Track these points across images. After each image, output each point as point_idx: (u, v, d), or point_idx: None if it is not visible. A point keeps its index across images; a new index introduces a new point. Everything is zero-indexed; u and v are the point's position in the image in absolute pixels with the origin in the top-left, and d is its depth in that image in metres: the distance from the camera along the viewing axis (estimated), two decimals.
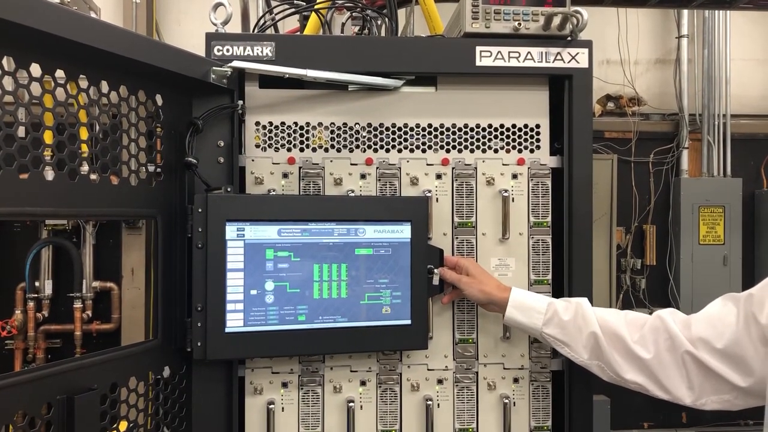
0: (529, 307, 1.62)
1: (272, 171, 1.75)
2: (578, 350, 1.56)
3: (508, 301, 1.63)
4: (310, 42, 1.79)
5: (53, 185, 1.29)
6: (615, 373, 1.51)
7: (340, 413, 1.76)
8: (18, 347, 4.68)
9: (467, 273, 1.69)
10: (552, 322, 1.59)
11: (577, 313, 1.56)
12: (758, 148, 5.48)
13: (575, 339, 1.56)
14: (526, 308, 1.62)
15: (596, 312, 1.56)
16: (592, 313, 1.55)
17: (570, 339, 1.56)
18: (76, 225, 4.73)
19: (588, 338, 1.53)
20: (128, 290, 4.79)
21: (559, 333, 1.58)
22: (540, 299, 1.63)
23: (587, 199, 1.79)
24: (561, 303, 1.60)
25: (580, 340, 1.55)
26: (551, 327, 1.59)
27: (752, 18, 5.49)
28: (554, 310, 1.59)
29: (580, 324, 1.55)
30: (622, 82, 5.41)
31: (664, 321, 1.46)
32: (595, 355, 1.54)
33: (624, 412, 5.16)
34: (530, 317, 1.61)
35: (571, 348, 1.57)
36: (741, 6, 3.32)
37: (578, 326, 1.55)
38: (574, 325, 1.56)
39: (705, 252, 5.22)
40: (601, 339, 1.51)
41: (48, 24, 1.18)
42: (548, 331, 1.59)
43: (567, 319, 1.56)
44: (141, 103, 1.53)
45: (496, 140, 1.82)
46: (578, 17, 1.73)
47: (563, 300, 1.63)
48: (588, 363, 1.56)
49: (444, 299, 1.76)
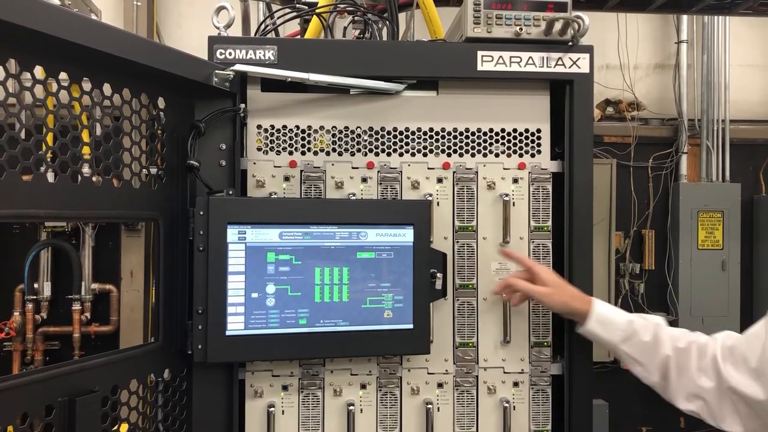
0: (610, 323, 1.62)
1: (274, 174, 1.76)
2: (651, 371, 1.57)
3: (590, 314, 1.63)
4: (312, 46, 1.80)
5: (55, 187, 1.29)
6: (674, 400, 1.56)
7: (340, 417, 1.76)
8: (16, 349, 4.68)
9: (543, 283, 1.68)
10: (631, 341, 1.59)
11: (656, 335, 1.57)
12: (757, 153, 5.49)
13: (650, 360, 1.57)
14: (607, 323, 1.62)
15: (671, 334, 1.57)
16: (668, 336, 1.56)
17: (645, 359, 1.58)
18: (75, 227, 4.72)
19: (661, 361, 1.55)
20: (127, 292, 4.79)
21: (636, 352, 1.59)
22: (621, 315, 1.63)
23: (588, 203, 1.80)
24: (641, 322, 1.60)
25: (654, 362, 1.56)
26: (629, 345, 1.59)
27: (751, 24, 5.51)
28: (634, 330, 1.59)
29: (656, 346, 1.56)
30: (621, 87, 5.42)
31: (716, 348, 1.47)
32: (664, 377, 1.56)
33: (622, 416, 5.16)
34: (610, 332, 1.61)
35: (644, 368, 1.59)
36: (740, 12, 3.34)
37: (655, 348, 1.56)
38: (652, 347, 1.57)
39: (704, 257, 5.22)
40: (671, 363, 1.53)
41: (52, 27, 1.18)
42: (625, 348, 1.60)
43: (646, 340, 1.57)
44: (143, 106, 1.53)
45: (497, 144, 1.83)
46: (579, 23, 1.74)
47: (643, 318, 1.62)
48: (656, 384, 1.58)
49: (514, 302, 1.75)
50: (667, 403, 1.58)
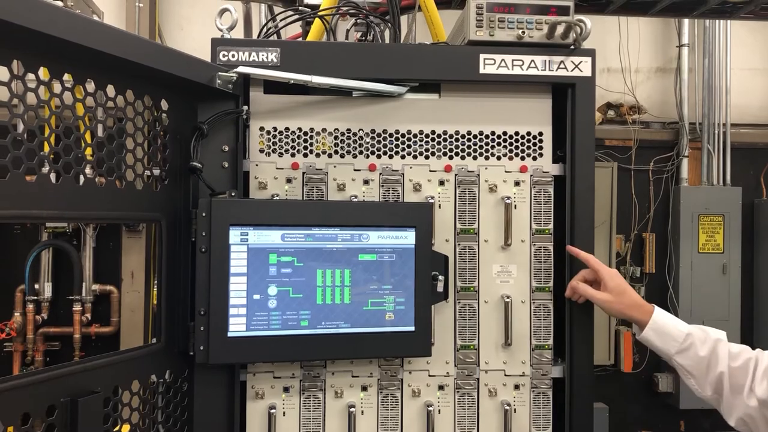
0: (667, 334, 1.62)
1: (276, 176, 1.76)
2: (703, 385, 1.57)
3: (648, 324, 1.63)
4: (315, 48, 1.80)
5: (58, 188, 1.30)
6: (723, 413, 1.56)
7: (341, 418, 1.76)
8: (17, 349, 4.68)
9: (605, 288, 1.68)
10: (686, 353, 1.59)
11: (713, 351, 1.56)
12: (758, 157, 5.49)
13: (703, 374, 1.57)
14: (664, 334, 1.62)
15: (730, 351, 1.55)
16: (725, 352, 1.55)
17: (698, 373, 1.57)
18: (77, 228, 4.72)
19: (715, 377, 1.54)
20: (128, 293, 4.79)
21: (690, 365, 1.59)
22: (679, 327, 1.62)
23: (589, 206, 1.80)
24: (699, 335, 1.59)
25: (708, 377, 1.56)
26: (684, 357, 1.59)
27: (752, 28, 5.51)
28: (692, 343, 1.58)
29: (711, 361, 1.55)
30: (622, 91, 5.42)
31: None
32: (716, 392, 1.55)
33: (622, 420, 5.16)
34: (665, 343, 1.62)
35: (697, 381, 1.59)
36: (741, 16, 3.34)
37: (709, 363, 1.55)
38: (707, 362, 1.56)
39: (704, 260, 5.22)
40: (725, 381, 1.52)
41: (56, 28, 1.19)
42: (680, 360, 1.60)
43: (702, 354, 1.56)
44: (147, 108, 1.54)
45: (499, 147, 1.83)
46: (581, 26, 1.74)
47: (702, 331, 1.61)
48: (709, 398, 1.58)
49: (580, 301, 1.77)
50: (667, 406, 1.58)
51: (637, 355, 5.13)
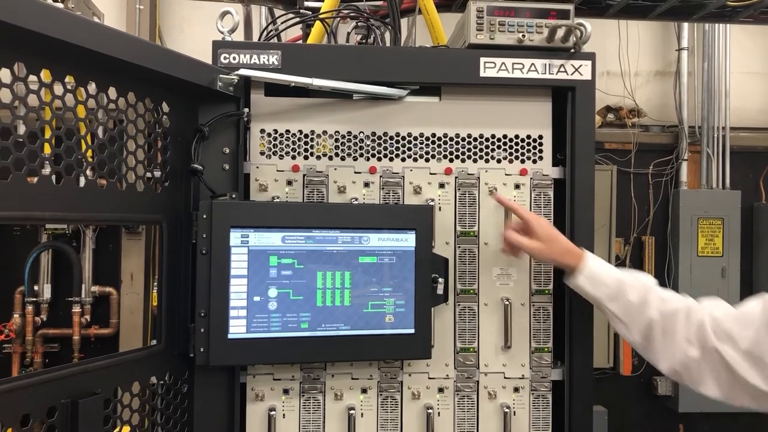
0: (598, 279, 1.62)
1: (276, 178, 1.77)
2: (632, 331, 1.58)
3: (580, 270, 1.63)
4: (316, 51, 1.81)
5: (60, 190, 1.30)
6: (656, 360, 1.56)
7: (340, 421, 1.76)
8: (16, 351, 4.66)
9: (536, 236, 1.67)
10: (617, 300, 1.59)
11: (643, 295, 1.56)
12: (757, 160, 5.49)
13: (634, 321, 1.57)
14: (596, 280, 1.62)
15: (660, 296, 1.56)
16: (656, 298, 1.55)
17: (629, 319, 1.58)
18: (76, 229, 4.72)
19: (646, 324, 1.54)
20: (127, 295, 4.78)
21: (621, 311, 1.59)
22: (610, 273, 1.63)
23: (589, 209, 1.81)
24: (630, 281, 1.60)
25: (639, 324, 1.56)
26: (614, 304, 1.60)
27: (752, 32, 5.52)
28: (622, 289, 1.59)
29: (642, 306, 1.56)
30: (622, 94, 5.42)
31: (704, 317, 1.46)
32: (646, 338, 1.56)
33: (622, 423, 5.16)
34: (597, 289, 1.62)
35: (627, 327, 1.59)
36: (741, 20, 3.34)
37: (640, 310, 1.56)
38: (637, 308, 1.56)
39: (703, 264, 5.22)
40: (656, 327, 1.53)
41: (59, 30, 1.19)
42: (611, 306, 1.60)
43: (633, 300, 1.57)
44: (148, 110, 1.54)
45: (499, 150, 1.84)
46: (582, 30, 1.75)
47: (634, 277, 1.61)
48: (640, 345, 1.58)
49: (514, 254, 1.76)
50: (667, 409, 1.58)
51: (636, 358, 5.12)
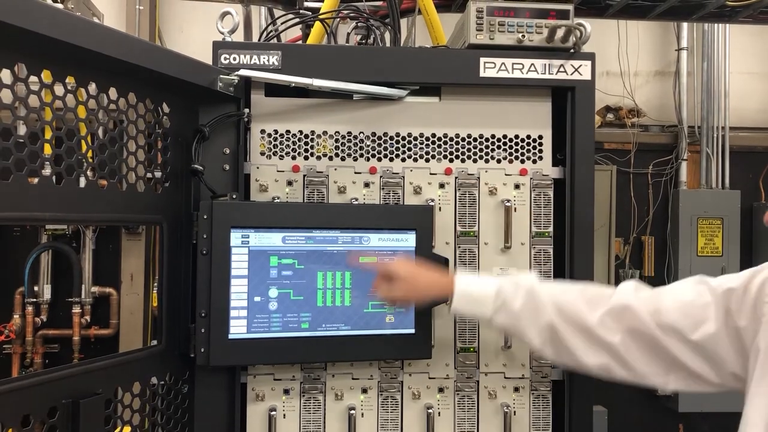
0: (475, 299, 1.47)
1: (277, 179, 1.77)
2: (531, 337, 1.42)
3: (453, 294, 1.48)
4: (316, 52, 1.81)
5: (60, 190, 1.30)
6: (574, 359, 1.39)
7: (341, 421, 1.76)
8: (16, 352, 4.66)
9: (397, 280, 1.52)
10: (502, 311, 1.44)
11: (529, 299, 1.41)
12: (757, 160, 5.49)
13: (527, 326, 1.41)
14: (472, 300, 1.47)
15: (550, 293, 1.41)
16: (546, 297, 1.40)
17: (522, 327, 1.43)
18: (76, 230, 4.72)
19: (544, 328, 1.39)
20: (127, 296, 4.78)
21: (510, 322, 1.44)
22: (487, 286, 1.47)
23: (589, 209, 1.81)
24: (509, 288, 1.44)
25: (534, 328, 1.40)
26: (501, 316, 1.44)
27: (751, 32, 5.52)
28: (503, 300, 1.43)
29: (532, 311, 1.40)
30: (621, 94, 5.42)
31: (629, 301, 1.33)
32: (550, 341, 1.40)
33: (621, 423, 5.16)
34: (478, 307, 1.47)
35: (523, 335, 1.44)
36: (740, 20, 3.35)
37: (531, 313, 1.41)
38: (527, 313, 1.41)
39: (703, 264, 5.22)
40: (559, 328, 1.37)
41: (60, 31, 1.19)
42: (499, 320, 1.45)
43: (518, 307, 1.41)
44: (148, 110, 1.54)
45: (499, 150, 1.84)
46: (581, 30, 1.75)
47: (512, 283, 1.45)
48: (540, 348, 1.43)
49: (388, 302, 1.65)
50: (666, 410, 1.54)
51: None
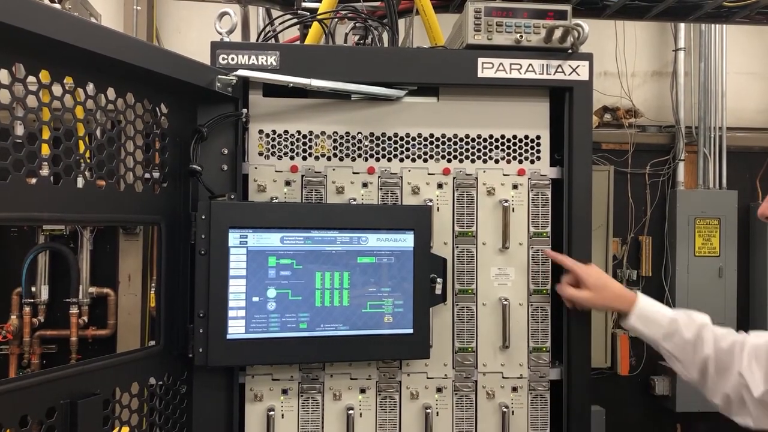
0: (652, 321, 1.65)
1: (275, 179, 1.77)
2: (690, 369, 1.60)
3: (632, 312, 1.67)
4: (314, 52, 1.81)
5: (58, 191, 1.30)
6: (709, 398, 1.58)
7: (339, 421, 1.76)
8: (13, 352, 4.66)
9: (585, 286, 1.70)
10: (672, 338, 1.62)
11: (698, 334, 1.59)
12: (754, 160, 5.51)
13: (689, 358, 1.59)
14: (649, 321, 1.66)
15: (715, 333, 1.58)
16: (711, 335, 1.58)
17: (684, 357, 1.60)
18: (74, 230, 4.72)
19: (701, 360, 1.56)
20: (124, 296, 4.78)
21: (676, 350, 1.61)
22: (664, 313, 1.66)
23: (587, 209, 1.81)
24: (684, 320, 1.62)
25: (694, 360, 1.58)
26: (669, 343, 1.62)
27: (748, 32, 5.53)
28: (677, 328, 1.61)
29: (697, 345, 1.58)
30: (619, 94, 5.43)
31: None
32: (702, 375, 1.58)
33: (619, 423, 5.16)
34: (651, 329, 1.65)
35: (683, 365, 1.61)
36: (737, 20, 3.36)
37: (695, 347, 1.58)
38: (692, 346, 1.59)
39: (700, 264, 5.23)
40: (710, 363, 1.55)
41: (57, 31, 1.19)
42: (666, 345, 1.63)
43: (688, 338, 1.59)
44: (146, 111, 1.54)
45: (497, 151, 1.84)
46: (579, 30, 1.75)
47: (687, 316, 1.64)
48: (696, 381, 1.61)
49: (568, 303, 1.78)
50: (664, 409, 1.60)
51: (634, 358, 5.14)
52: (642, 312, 1.67)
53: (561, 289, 1.75)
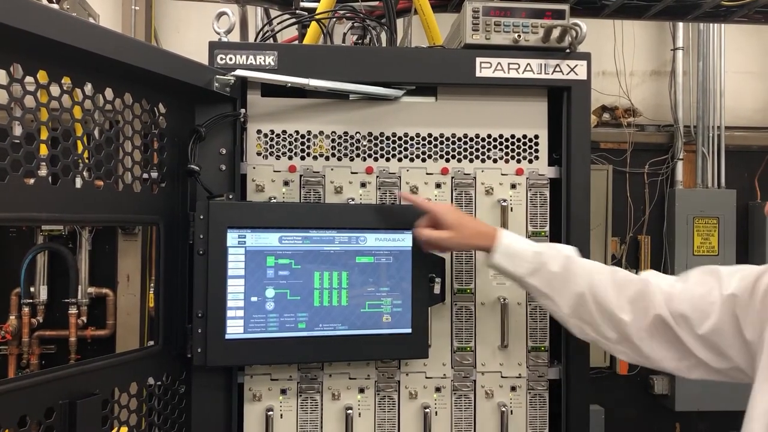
0: (516, 255, 1.55)
1: (273, 179, 1.77)
2: (560, 304, 1.52)
3: (496, 248, 1.56)
4: (312, 52, 1.81)
5: (56, 191, 1.30)
6: (597, 332, 1.49)
7: (338, 420, 1.76)
8: (12, 353, 4.65)
9: (444, 225, 1.59)
10: (538, 273, 1.53)
11: (566, 267, 1.51)
12: (752, 160, 5.51)
13: (559, 293, 1.51)
14: (513, 255, 1.55)
15: (585, 267, 1.52)
16: (581, 270, 1.50)
17: (553, 292, 1.52)
18: (72, 231, 4.71)
19: (574, 297, 1.49)
20: (123, 296, 4.78)
21: (544, 285, 1.53)
22: (528, 246, 1.56)
23: (585, 209, 1.81)
24: (550, 253, 1.54)
25: (565, 296, 1.50)
26: (536, 277, 1.53)
27: (746, 31, 5.54)
28: (542, 261, 1.52)
29: (567, 279, 1.50)
30: (617, 94, 5.43)
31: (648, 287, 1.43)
32: (576, 313, 1.50)
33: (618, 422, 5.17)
34: (516, 265, 1.55)
35: (553, 301, 1.53)
36: (736, 20, 3.36)
37: (565, 281, 1.50)
38: (561, 279, 1.51)
39: (699, 263, 5.14)
40: (588, 300, 1.47)
41: (55, 31, 1.19)
42: (532, 281, 1.54)
43: (555, 271, 1.51)
44: (144, 111, 1.54)
45: (495, 150, 1.84)
46: (577, 30, 1.75)
47: (552, 248, 1.57)
48: (566, 319, 1.53)
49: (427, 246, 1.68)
50: (663, 408, 1.56)
51: None
52: (506, 247, 1.56)
53: (418, 232, 1.64)
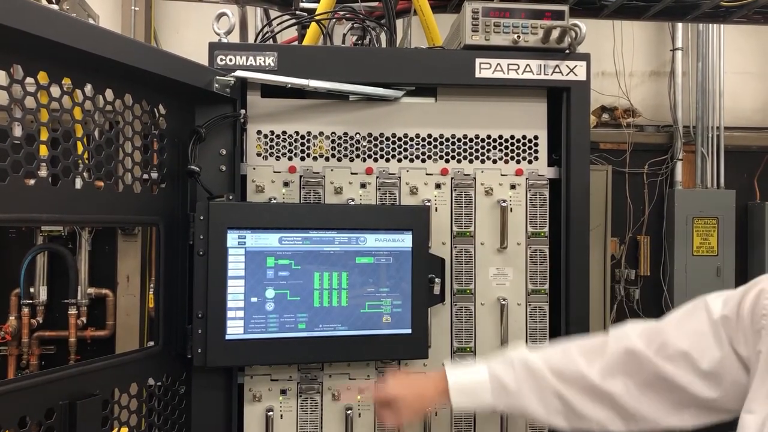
0: (472, 390, 1.38)
1: (273, 179, 1.77)
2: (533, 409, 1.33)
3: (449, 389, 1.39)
4: (312, 53, 1.81)
5: (57, 192, 1.30)
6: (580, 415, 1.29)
7: (338, 421, 1.77)
8: (12, 353, 4.65)
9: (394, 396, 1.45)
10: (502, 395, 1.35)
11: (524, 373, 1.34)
12: (751, 160, 5.52)
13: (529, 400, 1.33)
14: (470, 392, 1.38)
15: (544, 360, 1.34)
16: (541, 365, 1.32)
17: (524, 402, 1.34)
18: (72, 231, 4.71)
19: (547, 397, 1.31)
20: (123, 297, 4.78)
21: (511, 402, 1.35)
22: (477, 374, 1.39)
23: (584, 209, 1.82)
24: (501, 367, 1.37)
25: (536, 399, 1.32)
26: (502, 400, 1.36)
27: (746, 32, 5.54)
28: (499, 382, 1.35)
29: (531, 384, 1.33)
30: (617, 94, 5.44)
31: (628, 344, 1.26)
32: (557, 410, 1.31)
33: None
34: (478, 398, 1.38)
35: (526, 411, 1.35)
36: (735, 20, 3.36)
37: (529, 386, 1.33)
38: (525, 387, 1.33)
39: (698, 263, 5.24)
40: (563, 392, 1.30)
41: (55, 32, 1.19)
42: (501, 405, 1.37)
43: (514, 385, 1.34)
44: (144, 111, 1.54)
45: (494, 151, 1.84)
46: (576, 30, 1.75)
47: (502, 362, 1.38)
48: (547, 419, 1.33)
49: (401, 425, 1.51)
50: None
51: None
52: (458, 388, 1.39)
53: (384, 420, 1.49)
